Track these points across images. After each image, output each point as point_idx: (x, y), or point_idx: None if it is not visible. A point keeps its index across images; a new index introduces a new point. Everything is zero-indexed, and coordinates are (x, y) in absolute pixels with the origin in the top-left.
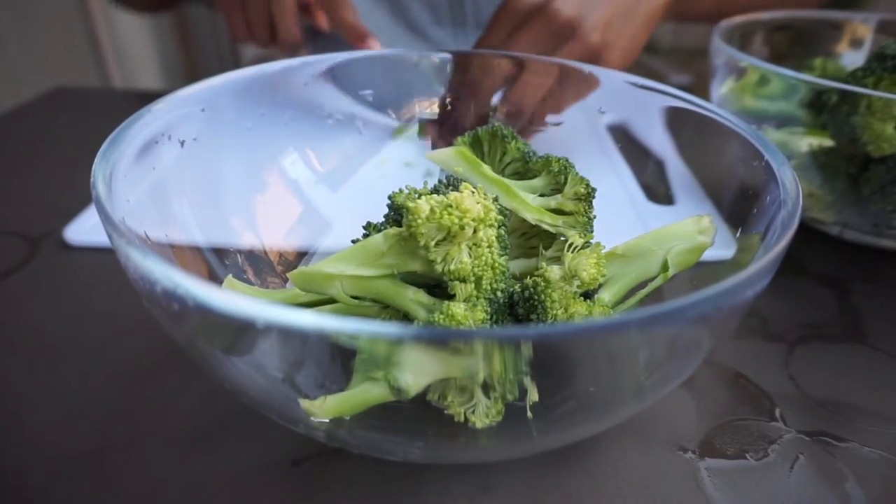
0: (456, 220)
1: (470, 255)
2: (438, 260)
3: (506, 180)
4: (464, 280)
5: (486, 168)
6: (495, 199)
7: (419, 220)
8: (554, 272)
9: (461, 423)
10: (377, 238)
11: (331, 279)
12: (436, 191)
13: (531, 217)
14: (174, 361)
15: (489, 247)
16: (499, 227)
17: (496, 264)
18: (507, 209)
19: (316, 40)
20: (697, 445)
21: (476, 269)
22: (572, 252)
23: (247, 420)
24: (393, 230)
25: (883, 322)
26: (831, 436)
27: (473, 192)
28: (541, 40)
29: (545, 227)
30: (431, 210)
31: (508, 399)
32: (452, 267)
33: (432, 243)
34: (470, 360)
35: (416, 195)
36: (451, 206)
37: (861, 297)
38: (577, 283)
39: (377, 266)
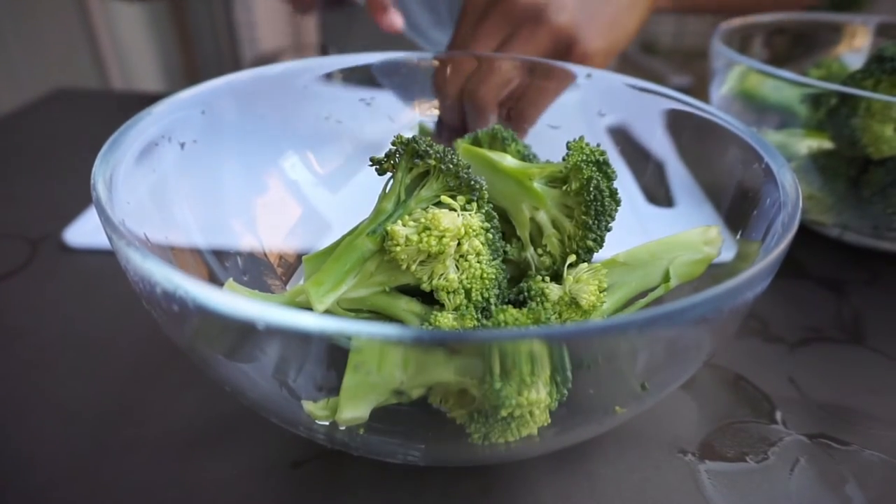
0: (434, 242)
1: (457, 269)
2: (424, 278)
3: (523, 165)
4: (453, 292)
5: (496, 157)
6: (478, 207)
7: (398, 247)
8: (553, 292)
9: (462, 425)
10: (367, 262)
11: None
12: (419, 155)
13: (545, 216)
14: (174, 363)
15: (477, 255)
16: (486, 231)
17: (485, 274)
18: (498, 208)
19: (334, 4)
20: (697, 448)
21: (464, 282)
22: (574, 275)
23: (247, 422)
24: (377, 254)
25: (883, 324)
26: (831, 438)
27: (452, 208)
28: (499, 29)
29: (552, 228)
30: (407, 237)
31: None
32: (437, 283)
33: (414, 265)
34: (470, 361)
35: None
36: (428, 228)
37: (861, 299)
38: (574, 307)
39: (369, 285)
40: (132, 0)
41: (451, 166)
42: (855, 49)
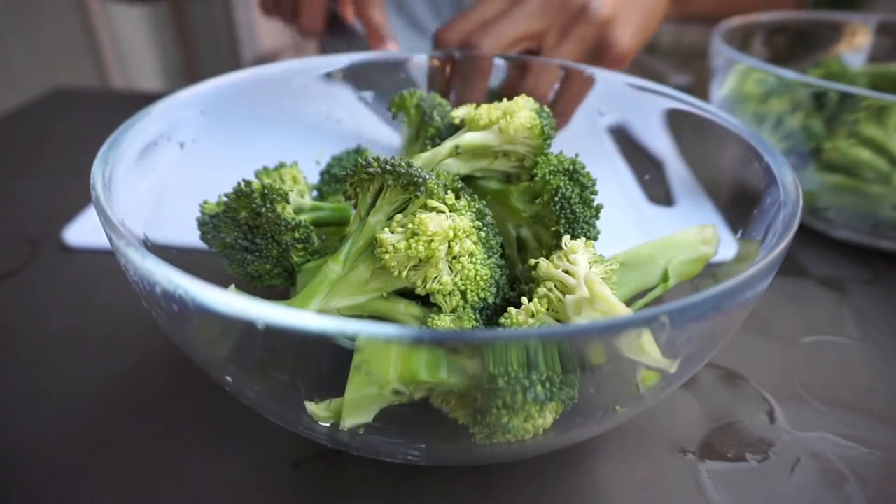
0: (422, 248)
1: (451, 271)
2: (418, 283)
3: (502, 185)
4: (448, 294)
5: (482, 181)
6: (468, 206)
7: (387, 254)
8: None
9: (463, 425)
10: (361, 269)
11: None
12: (365, 171)
13: (528, 232)
14: (174, 362)
15: (470, 256)
16: (479, 230)
17: (479, 275)
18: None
19: (337, 32)
20: (698, 447)
21: (458, 284)
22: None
23: (247, 422)
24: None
25: (883, 323)
26: (831, 437)
27: (440, 210)
28: (548, 13)
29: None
30: (395, 245)
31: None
32: (431, 286)
33: (405, 271)
34: (469, 361)
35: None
36: (416, 233)
37: (861, 298)
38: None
39: (366, 292)
40: (132, 2)
41: (389, 167)
42: (855, 48)
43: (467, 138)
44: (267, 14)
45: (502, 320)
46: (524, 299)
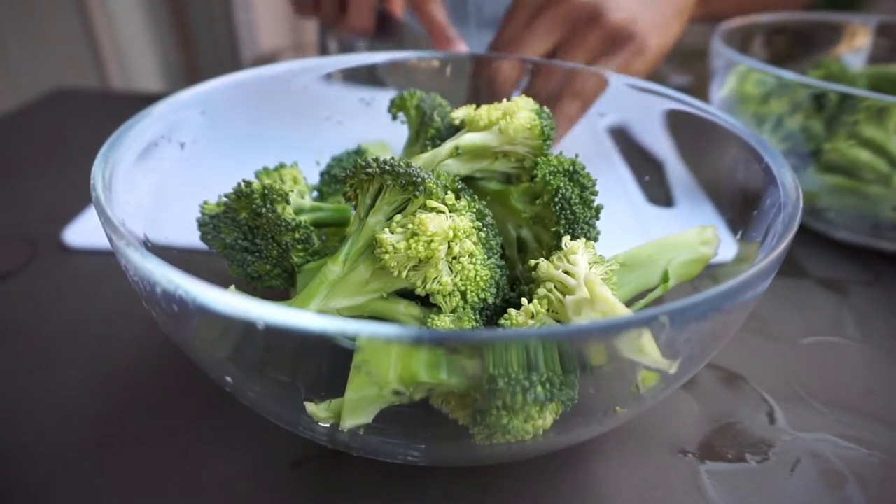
0: (422, 248)
1: (451, 271)
2: (418, 283)
3: (502, 185)
4: (448, 294)
5: (481, 182)
6: (468, 206)
7: (387, 255)
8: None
9: (463, 425)
10: (361, 270)
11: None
12: (365, 171)
13: (528, 232)
14: (174, 363)
15: (470, 257)
16: (478, 231)
17: (479, 276)
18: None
19: (383, 33)
20: (698, 448)
21: (458, 285)
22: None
23: (246, 421)
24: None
25: (883, 324)
26: (831, 438)
27: (440, 211)
28: (554, 29)
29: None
30: (395, 245)
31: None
32: (431, 287)
33: (405, 272)
34: (469, 362)
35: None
36: (416, 233)
37: (861, 298)
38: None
39: (366, 293)
40: None
41: (388, 167)
42: (855, 49)
43: (467, 139)
44: (302, 14)
45: (502, 321)
46: (524, 300)
